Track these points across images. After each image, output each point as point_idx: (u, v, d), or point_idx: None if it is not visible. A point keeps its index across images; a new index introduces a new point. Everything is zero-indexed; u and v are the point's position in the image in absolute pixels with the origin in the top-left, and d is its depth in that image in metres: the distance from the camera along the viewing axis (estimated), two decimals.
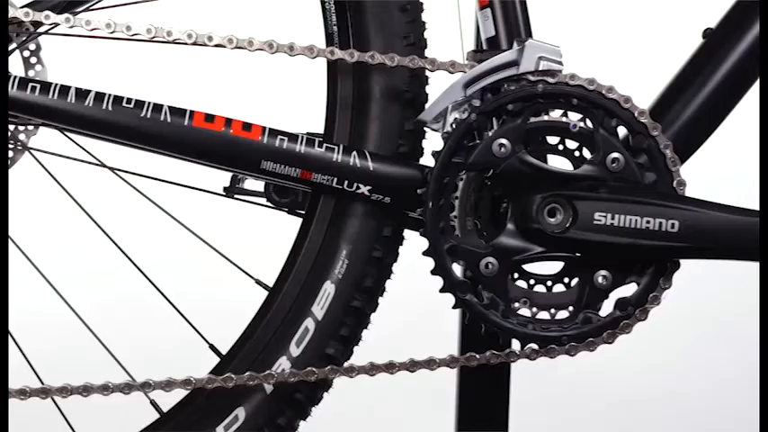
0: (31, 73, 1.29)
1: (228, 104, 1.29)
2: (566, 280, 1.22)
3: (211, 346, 1.27)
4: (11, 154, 1.30)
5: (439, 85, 1.23)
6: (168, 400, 1.23)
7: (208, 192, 1.30)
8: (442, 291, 1.19)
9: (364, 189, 1.19)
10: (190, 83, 1.97)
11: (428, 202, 1.17)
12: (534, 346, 1.19)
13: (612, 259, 1.19)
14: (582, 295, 1.20)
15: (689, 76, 1.24)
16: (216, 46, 1.17)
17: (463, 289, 1.18)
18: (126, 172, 1.27)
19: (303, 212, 1.27)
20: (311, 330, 1.23)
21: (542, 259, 1.20)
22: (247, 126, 1.18)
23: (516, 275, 1.21)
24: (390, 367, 1.20)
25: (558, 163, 1.20)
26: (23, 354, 1.25)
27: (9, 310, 1.22)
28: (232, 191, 1.33)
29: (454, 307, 1.20)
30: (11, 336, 1.25)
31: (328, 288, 1.23)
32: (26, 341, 1.26)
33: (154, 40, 1.17)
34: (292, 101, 1.89)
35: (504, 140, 1.17)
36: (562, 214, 1.19)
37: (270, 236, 1.57)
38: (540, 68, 1.18)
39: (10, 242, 1.25)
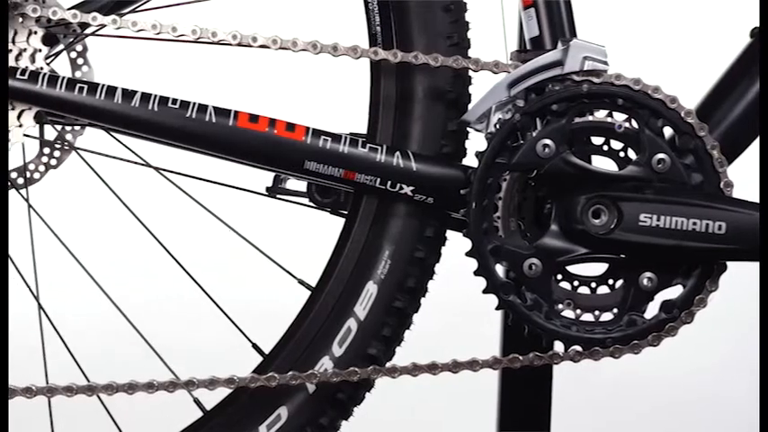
0: (77, 74, 1.30)
1: (272, 105, 1.30)
2: (610, 282, 1.20)
3: (254, 346, 1.28)
4: (58, 153, 1.32)
5: (482, 86, 1.22)
6: (211, 398, 1.24)
7: (251, 192, 1.31)
8: (484, 292, 1.19)
9: (407, 189, 1.19)
10: (234, 83, 1.98)
11: (471, 203, 1.17)
12: (578, 348, 1.18)
13: (658, 261, 1.18)
14: (627, 297, 1.19)
15: (736, 76, 1.22)
16: (260, 47, 1.17)
17: (506, 290, 1.18)
18: (170, 172, 1.28)
19: (346, 212, 1.27)
20: (354, 330, 1.23)
21: (586, 261, 1.19)
22: (291, 126, 1.18)
23: (560, 277, 1.20)
24: (433, 368, 1.20)
25: (602, 164, 1.19)
26: (70, 352, 1.27)
27: (41, 309, 1.24)
28: (275, 191, 1.34)
29: (497, 308, 1.19)
30: (59, 335, 1.26)
31: (371, 288, 1.23)
32: (73, 340, 1.27)
33: (199, 40, 1.18)
34: (335, 101, 1.90)
35: (548, 141, 1.17)
36: (607, 215, 1.18)
37: (312, 236, 1.57)
38: (585, 68, 1.17)
39: (58, 242, 1.26)
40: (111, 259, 1.86)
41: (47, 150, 1.32)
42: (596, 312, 1.20)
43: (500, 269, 1.19)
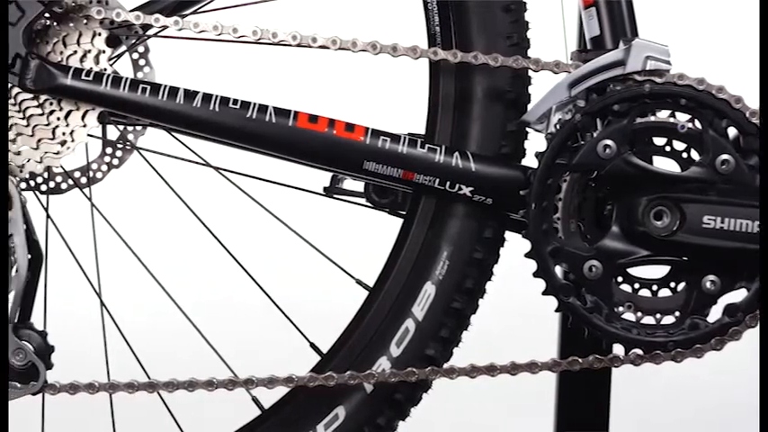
0: (139, 75, 1.32)
1: (331, 105, 1.30)
2: (672, 284, 1.19)
3: (312, 345, 1.28)
4: (120, 153, 1.34)
5: (542, 86, 1.21)
6: (268, 397, 1.25)
7: (308, 191, 1.32)
8: (544, 293, 1.18)
9: (466, 190, 1.18)
10: (293, 84, 1.99)
11: (531, 204, 1.16)
12: (639, 351, 1.17)
13: (721, 264, 1.16)
14: (689, 300, 1.17)
15: None
16: (320, 47, 1.18)
17: (566, 292, 1.17)
18: (230, 171, 1.29)
19: (404, 213, 1.27)
20: (411, 331, 1.23)
21: (648, 263, 1.17)
22: (350, 127, 1.18)
23: (620, 279, 1.19)
24: (491, 370, 1.19)
25: (664, 164, 1.18)
26: (131, 349, 1.28)
27: (104, 307, 1.26)
28: (332, 191, 1.34)
29: (557, 310, 1.18)
30: (120, 332, 1.28)
31: (429, 289, 1.23)
32: (134, 337, 1.29)
33: (259, 41, 1.18)
34: (393, 101, 1.90)
35: (609, 141, 1.15)
36: (669, 217, 1.16)
37: (370, 236, 1.58)
38: (648, 68, 1.16)
39: (120, 241, 1.28)
40: (171, 258, 1.88)
41: (109, 150, 1.34)
42: (658, 315, 1.18)
43: (559, 271, 1.18)
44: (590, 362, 1.18)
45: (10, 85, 1.16)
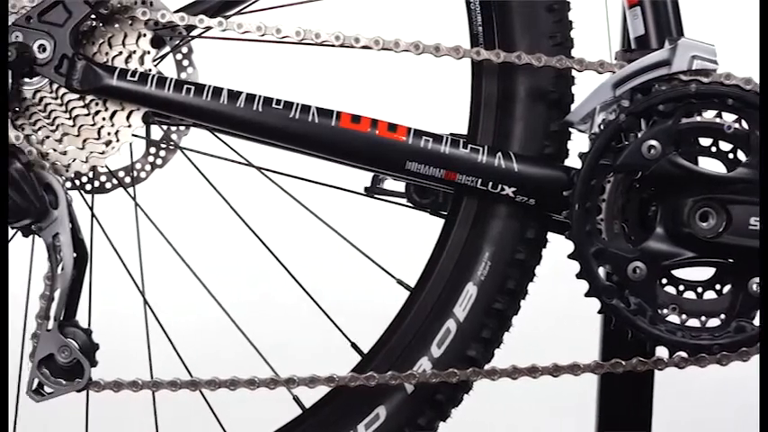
0: (182, 75, 1.33)
1: (373, 105, 1.30)
2: (717, 286, 1.18)
3: (353, 345, 1.28)
4: (163, 153, 1.35)
5: (586, 86, 1.21)
6: (309, 396, 1.25)
7: (349, 191, 1.32)
8: (587, 295, 1.17)
9: (509, 191, 1.18)
10: (336, 84, 2.00)
11: (574, 205, 1.15)
12: (683, 354, 1.16)
13: None
14: (735, 303, 1.16)
15: None
16: (363, 47, 1.18)
17: (609, 294, 1.16)
18: (272, 171, 1.30)
19: (445, 213, 1.27)
20: (453, 332, 1.23)
21: (693, 265, 1.16)
22: (393, 127, 1.18)
23: (665, 281, 1.17)
24: (533, 371, 1.18)
25: (710, 165, 1.16)
26: (174, 348, 1.29)
27: (147, 306, 1.27)
28: (373, 191, 1.35)
29: (600, 312, 1.17)
30: (163, 331, 1.29)
31: (470, 290, 1.22)
32: (177, 336, 1.30)
33: (303, 42, 1.19)
34: (434, 101, 1.89)
35: (654, 142, 1.14)
36: (715, 219, 1.15)
37: (411, 236, 1.58)
38: (694, 68, 1.15)
39: (163, 240, 1.29)
40: (214, 257, 1.89)
41: (153, 150, 1.35)
42: (702, 318, 1.17)
43: (602, 272, 1.17)
44: (633, 364, 1.17)
45: (56, 85, 1.17)
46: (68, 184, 1.22)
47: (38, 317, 1.18)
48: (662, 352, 1.18)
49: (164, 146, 1.33)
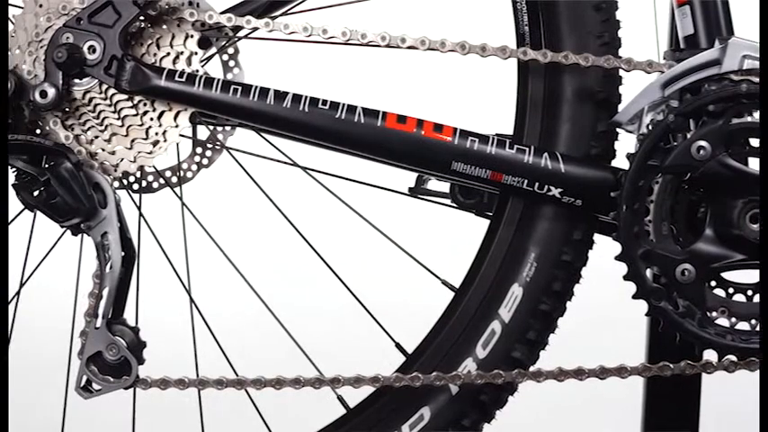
0: (228, 76, 1.34)
1: (418, 105, 1.30)
2: None
3: (398, 345, 1.28)
4: (209, 153, 1.36)
5: (633, 86, 1.19)
6: (353, 396, 1.25)
7: (394, 191, 1.32)
8: (634, 297, 1.16)
9: (555, 191, 1.17)
10: (382, 84, 2.00)
11: (622, 206, 1.14)
12: (733, 357, 1.14)
13: None
14: None
15: None
16: (408, 48, 1.18)
17: (657, 296, 1.15)
18: (317, 171, 1.30)
19: (490, 214, 1.26)
20: (498, 333, 1.22)
21: (743, 267, 1.15)
22: (439, 127, 1.18)
23: (714, 283, 1.16)
24: (579, 373, 1.17)
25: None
26: (220, 347, 1.30)
27: (193, 304, 1.27)
28: (417, 191, 1.34)
29: (647, 314, 1.16)
30: (209, 330, 1.30)
31: (516, 291, 1.22)
32: (223, 336, 1.31)
33: (349, 42, 1.19)
34: (478, 101, 1.89)
35: (703, 143, 1.13)
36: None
37: (455, 236, 1.57)
38: (745, 67, 1.13)
39: (210, 240, 1.30)
40: (259, 257, 1.90)
41: (199, 150, 1.36)
42: (753, 321, 1.15)
43: (650, 274, 1.16)
44: (682, 368, 1.16)
45: (105, 86, 1.18)
46: (116, 184, 1.23)
47: (86, 315, 1.19)
48: (711, 355, 1.17)
49: (210, 146, 1.34)
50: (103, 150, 1.21)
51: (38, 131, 1.19)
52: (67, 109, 1.19)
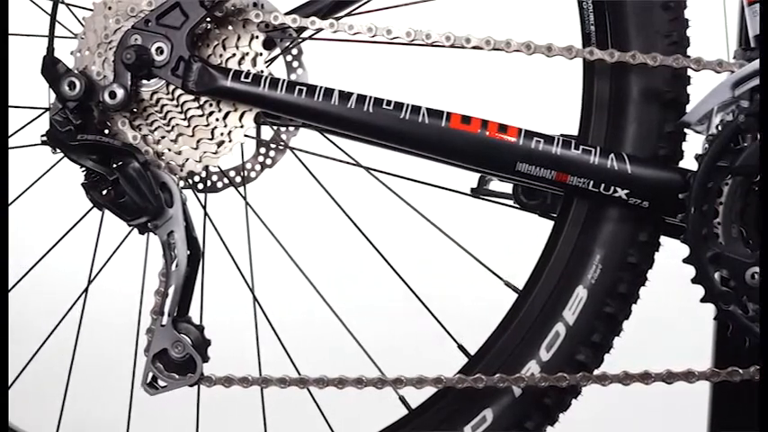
0: (292, 76, 1.34)
1: (482, 105, 1.30)
2: None
3: (460, 347, 1.28)
4: (273, 153, 1.37)
5: (702, 86, 1.17)
6: (414, 396, 1.25)
7: (456, 192, 1.31)
8: (702, 300, 1.14)
9: (621, 193, 1.15)
10: (446, 84, 1.99)
11: (690, 208, 1.12)
12: None
13: None
14: None
15: None
16: (473, 48, 1.17)
17: (727, 299, 1.13)
18: (380, 171, 1.30)
19: (555, 215, 1.25)
20: (562, 335, 1.21)
21: None
22: (503, 128, 1.17)
23: None
24: (645, 377, 1.16)
25: None
26: (283, 346, 1.31)
27: (257, 303, 1.28)
28: (479, 192, 1.34)
29: (716, 318, 1.14)
30: (273, 329, 1.30)
31: (580, 293, 1.20)
32: (285, 335, 1.31)
33: (413, 42, 1.19)
34: (541, 102, 1.87)
35: None
36: None
37: (517, 237, 1.56)
38: None
39: (273, 240, 1.31)
40: (322, 257, 1.91)
41: (263, 150, 1.37)
42: None
43: (718, 277, 1.14)
44: (751, 373, 1.14)
45: (172, 87, 1.20)
46: (182, 184, 1.25)
47: (152, 312, 1.21)
48: None
49: (273, 146, 1.35)
50: (170, 150, 1.22)
51: (106, 132, 1.21)
52: (135, 109, 1.21)
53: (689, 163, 1.16)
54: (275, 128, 1.33)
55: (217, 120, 1.22)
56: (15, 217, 1.37)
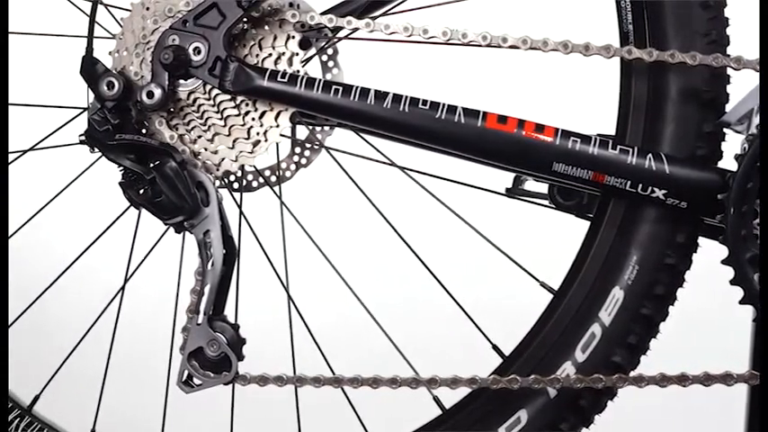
0: (327, 76, 1.35)
1: (518, 105, 1.29)
2: None
3: (494, 347, 1.27)
4: (308, 153, 1.37)
5: (741, 85, 1.16)
6: (449, 397, 1.25)
7: (491, 192, 1.31)
8: (741, 302, 1.13)
9: (659, 193, 1.14)
10: (482, 83, 1.99)
11: (730, 208, 1.11)
12: None
13: None
14: None
15: None
16: (510, 47, 1.17)
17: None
18: (415, 171, 1.30)
19: (591, 216, 1.24)
20: (598, 336, 1.20)
21: None
22: (540, 127, 1.16)
23: None
24: (683, 380, 1.15)
25: None
26: (318, 345, 1.31)
27: (291, 302, 1.28)
28: (515, 192, 1.33)
29: (755, 320, 1.13)
30: (307, 328, 1.31)
31: (617, 294, 1.19)
32: (320, 334, 1.32)
33: (449, 42, 1.18)
34: (577, 101, 1.86)
35: None
36: None
37: (553, 238, 1.55)
38: None
39: (308, 239, 1.31)
40: (357, 256, 1.91)
41: (298, 150, 1.37)
42: None
43: (758, 279, 1.13)
44: None
45: (209, 86, 1.20)
46: (217, 183, 1.25)
47: (188, 311, 1.21)
48: None
49: (309, 146, 1.35)
50: (206, 150, 1.23)
51: (144, 131, 1.22)
52: (172, 109, 1.22)
53: (728, 163, 1.15)
54: (311, 127, 1.34)
55: (253, 119, 1.22)
56: (52, 216, 1.39)
